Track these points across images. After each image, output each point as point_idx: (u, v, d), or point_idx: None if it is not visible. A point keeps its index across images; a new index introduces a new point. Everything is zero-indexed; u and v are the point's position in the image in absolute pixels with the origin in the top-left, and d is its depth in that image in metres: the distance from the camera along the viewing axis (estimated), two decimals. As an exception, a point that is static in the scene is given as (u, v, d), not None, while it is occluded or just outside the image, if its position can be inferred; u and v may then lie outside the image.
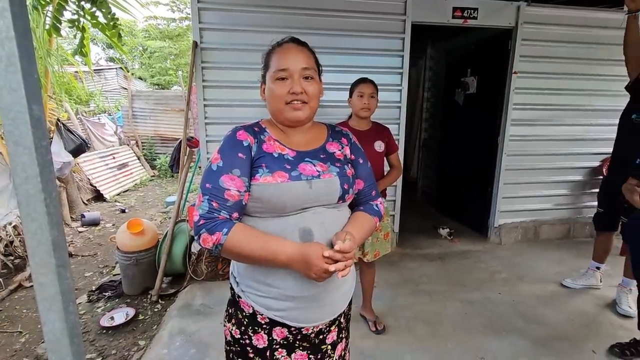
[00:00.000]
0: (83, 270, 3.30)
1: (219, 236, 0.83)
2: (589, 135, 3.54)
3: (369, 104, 1.99)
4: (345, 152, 1.03)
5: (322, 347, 1.00)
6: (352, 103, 2.05)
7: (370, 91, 1.99)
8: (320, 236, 0.91)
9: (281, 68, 0.92)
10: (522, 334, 2.20)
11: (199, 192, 0.90)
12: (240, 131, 0.94)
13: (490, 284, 2.82)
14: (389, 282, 2.83)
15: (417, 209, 4.69)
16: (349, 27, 2.98)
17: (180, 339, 2.13)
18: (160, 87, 12.73)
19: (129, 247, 2.71)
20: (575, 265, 3.06)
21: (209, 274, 2.80)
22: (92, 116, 8.02)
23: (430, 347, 2.08)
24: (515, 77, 3.31)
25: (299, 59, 0.94)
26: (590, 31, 3.31)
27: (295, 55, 0.94)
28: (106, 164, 6.24)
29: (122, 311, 2.50)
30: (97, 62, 13.80)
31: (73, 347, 0.58)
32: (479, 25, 3.22)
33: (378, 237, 2.13)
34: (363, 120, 2.06)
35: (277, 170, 0.89)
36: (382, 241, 2.16)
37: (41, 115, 0.53)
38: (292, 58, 0.93)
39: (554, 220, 3.74)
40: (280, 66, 0.93)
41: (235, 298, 0.99)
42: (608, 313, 2.43)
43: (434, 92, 5.09)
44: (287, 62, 0.93)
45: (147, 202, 5.78)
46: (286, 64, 0.92)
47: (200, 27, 2.78)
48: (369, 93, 1.98)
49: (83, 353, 0.65)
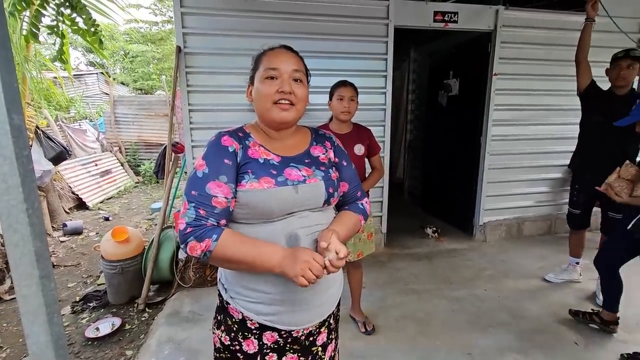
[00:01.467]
0: (66, 280, 3.21)
1: (208, 243, 0.83)
2: (566, 134, 3.66)
3: (349, 107, 1.98)
4: (329, 156, 1.04)
5: (313, 349, 1.01)
6: (332, 106, 2.04)
7: (350, 94, 1.98)
8: (307, 240, 0.92)
9: (272, 67, 0.94)
10: (508, 329, 2.26)
11: (184, 200, 0.88)
12: (224, 137, 0.93)
13: (477, 281, 2.88)
14: (378, 282, 2.85)
15: (404, 210, 4.74)
16: (333, 31, 3.01)
17: (168, 348, 2.10)
18: (143, 92, 12.52)
19: (114, 256, 2.65)
20: (557, 260, 3.16)
21: (197, 281, 2.77)
22: (72, 122, 7.83)
23: (420, 346, 2.10)
24: (495, 79, 3.41)
25: (291, 61, 0.96)
26: (565, 34, 3.43)
27: (286, 57, 0.96)
28: (88, 171, 6.10)
29: (107, 321, 2.44)
30: (76, 67, 13.48)
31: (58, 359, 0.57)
32: (460, 28, 3.30)
33: (361, 238, 2.13)
34: (344, 124, 2.05)
35: (263, 176, 0.89)
36: (366, 241, 2.17)
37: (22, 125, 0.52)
38: (284, 59, 0.95)
39: (535, 217, 3.84)
40: (271, 65, 0.94)
41: (224, 304, 0.98)
42: (588, 305, 2.51)
43: (418, 94, 5.18)
44: (278, 62, 0.94)
45: (132, 209, 5.67)
46: (277, 63, 0.94)
47: (183, 32, 2.77)
48: (348, 96, 1.98)
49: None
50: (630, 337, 2.16)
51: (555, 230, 3.90)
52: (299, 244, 0.91)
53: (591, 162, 2.55)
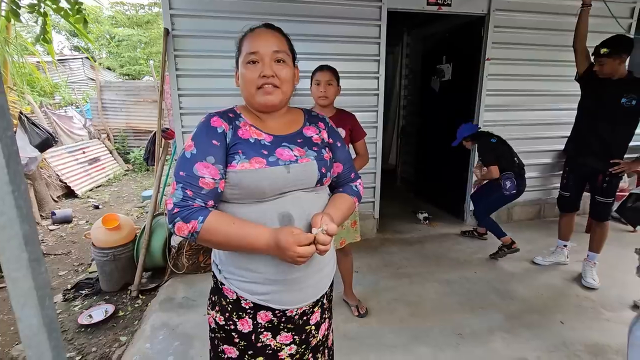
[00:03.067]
0: (57, 269, 3.18)
1: (194, 224, 0.83)
2: (557, 120, 3.69)
3: (326, 92, 1.96)
4: (322, 136, 1.04)
5: (306, 328, 1.02)
6: (311, 91, 2.02)
7: (327, 78, 1.95)
8: (301, 221, 0.92)
9: (252, 51, 0.91)
10: (497, 310, 2.32)
11: (173, 180, 0.88)
12: (214, 117, 0.92)
13: (467, 265, 2.94)
14: (371, 267, 2.89)
15: (396, 195, 4.78)
16: (325, 13, 2.95)
17: (163, 333, 2.11)
18: (130, 78, 12.20)
19: (105, 243, 2.63)
20: (545, 243, 3.23)
21: (190, 267, 2.77)
22: (58, 109, 7.61)
23: (411, 327, 2.15)
24: (488, 64, 3.39)
25: (270, 42, 0.92)
26: (559, 18, 3.42)
27: (266, 38, 0.93)
28: (76, 159, 5.97)
29: (100, 308, 2.44)
30: (60, 52, 13.05)
31: (52, 342, 0.57)
32: (453, 12, 3.26)
33: (344, 225, 2.11)
34: (325, 108, 2.02)
35: (254, 156, 0.89)
36: (349, 229, 2.16)
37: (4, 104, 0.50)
38: (263, 41, 0.92)
39: (525, 202, 3.90)
40: (251, 49, 0.91)
41: (218, 285, 0.99)
42: (574, 286, 2.59)
43: (411, 80, 5.15)
44: (257, 46, 0.91)
45: (122, 197, 5.60)
46: (256, 47, 0.91)
47: (171, 14, 2.68)
48: (325, 80, 1.95)
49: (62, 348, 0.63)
50: (614, 315, 2.24)
51: (544, 214, 3.98)
52: (292, 223, 0.91)
53: (582, 145, 2.58)
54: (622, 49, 2.29)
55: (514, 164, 2.91)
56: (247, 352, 0.97)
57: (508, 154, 2.95)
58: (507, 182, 2.85)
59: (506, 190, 2.86)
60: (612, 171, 2.44)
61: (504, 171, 2.86)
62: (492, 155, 2.89)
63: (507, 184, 2.85)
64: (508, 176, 2.85)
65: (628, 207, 1.66)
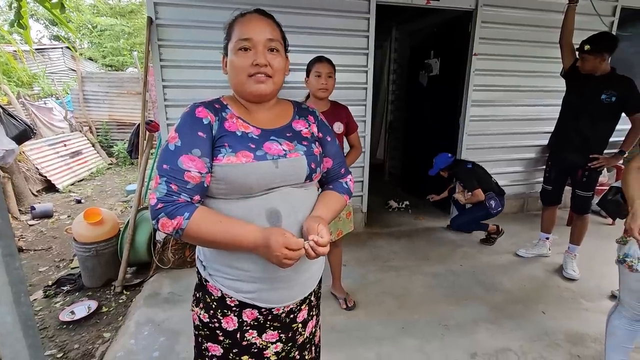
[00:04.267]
0: (37, 265, 3.09)
1: (180, 221, 0.79)
2: (541, 115, 3.76)
3: (327, 85, 1.93)
4: (312, 130, 1.01)
5: (293, 326, 1.01)
6: (309, 83, 1.97)
7: (328, 71, 1.92)
8: (289, 218, 0.90)
9: (244, 37, 0.87)
10: (481, 301, 2.36)
11: (156, 174, 0.84)
12: (199, 108, 0.88)
13: (453, 257, 2.99)
14: (359, 260, 2.91)
15: (384, 190, 4.80)
16: (313, 5, 2.91)
17: (148, 328, 2.08)
18: (113, 69, 11.86)
19: (88, 238, 2.56)
20: (528, 236, 3.31)
21: (176, 262, 2.73)
22: (37, 100, 7.36)
23: (398, 319, 2.18)
24: (475, 59, 3.42)
25: (264, 29, 0.89)
26: (545, 15, 3.46)
27: (260, 25, 0.89)
28: (57, 152, 5.79)
29: (83, 304, 2.38)
30: (39, 41, 12.57)
31: (28, 340, 0.54)
32: (442, 6, 3.26)
33: (340, 217, 2.13)
34: (321, 101, 2.00)
35: (241, 150, 0.85)
36: (345, 220, 2.18)
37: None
38: (257, 28, 0.88)
39: (509, 196, 3.96)
40: (243, 35, 0.87)
41: (203, 282, 0.96)
42: (556, 277, 2.67)
43: (400, 74, 5.16)
44: (251, 32, 0.87)
45: (106, 192, 5.47)
46: (250, 33, 0.87)
47: (154, 2, 2.60)
48: (326, 73, 1.91)
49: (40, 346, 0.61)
50: (592, 305, 2.32)
51: (528, 208, 4.07)
52: (280, 221, 0.88)
53: (564, 140, 2.64)
54: (603, 47, 2.34)
55: (492, 184, 3.20)
56: (232, 350, 0.95)
57: (485, 175, 3.23)
58: (491, 201, 3.10)
59: (492, 209, 3.09)
60: (592, 166, 2.51)
61: (486, 192, 3.12)
62: (472, 180, 3.15)
63: (492, 203, 3.09)
64: (491, 196, 3.11)
65: (608, 199, 1.71)
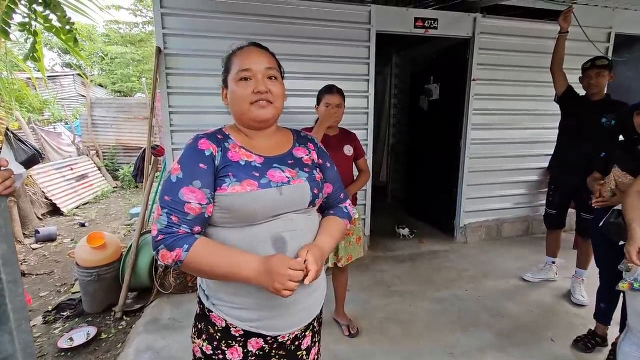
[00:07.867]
0: (38, 290, 3.07)
1: (179, 253, 0.80)
2: (542, 138, 3.79)
3: (337, 115, 2.01)
4: (312, 157, 1.03)
5: (298, 354, 0.99)
6: (319, 112, 2.05)
7: (338, 102, 2.00)
8: (294, 244, 0.90)
9: (244, 68, 0.92)
10: (488, 328, 2.30)
11: (158, 205, 0.85)
12: (202, 140, 0.90)
13: (458, 282, 2.93)
14: (362, 285, 2.86)
15: (387, 213, 4.78)
16: (316, 35, 3.02)
17: (147, 356, 2.03)
18: (122, 95, 12.20)
19: (90, 262, 2.55)
20: (534, 260, 3.25)
21: (177, 287, 2.70)
22: (47, 125, 7.54)
23: (403, 347, 2.12)
24: (474, 84, 3.50)
25: (262, 59, 0.94)
26: (540, 42, 3.56)
27: (258, 56, 0.95)
28: (63, 175, 5.87)
29: (82, 331, 2.34)
30: (52, 69, 13.03)
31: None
32: (440, 35, 3.38)
33: (351, 242, 2.15)
34: (330, 129, 2.07)
35: (245, 179, 0.87)
36: (355, 245, 2.18)
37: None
38: (255, 58, 0.94)
39: (514, 219, 3.95)
40: (244, 66, 0.92)
41: (206, 312, 0.95)
42: (564, 303, 2.60)
43: (401, 99, 5.26)
44: (250, 63, 0.92)
45: (110, 215, 5.50)
46: (249, 64, 0.92)
47: (164, 33, 2.72)
48: (336, 104, 2.00)
49: (38, 374, 0.61)
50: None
51: (533, 231, 4.02)
52: (286, 247, 0.89)
53: (567, 164, 2.65)
54: (611, 66, 2.43)
55: None
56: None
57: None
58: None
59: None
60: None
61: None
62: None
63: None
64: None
65: (610, 222, 1.69)
